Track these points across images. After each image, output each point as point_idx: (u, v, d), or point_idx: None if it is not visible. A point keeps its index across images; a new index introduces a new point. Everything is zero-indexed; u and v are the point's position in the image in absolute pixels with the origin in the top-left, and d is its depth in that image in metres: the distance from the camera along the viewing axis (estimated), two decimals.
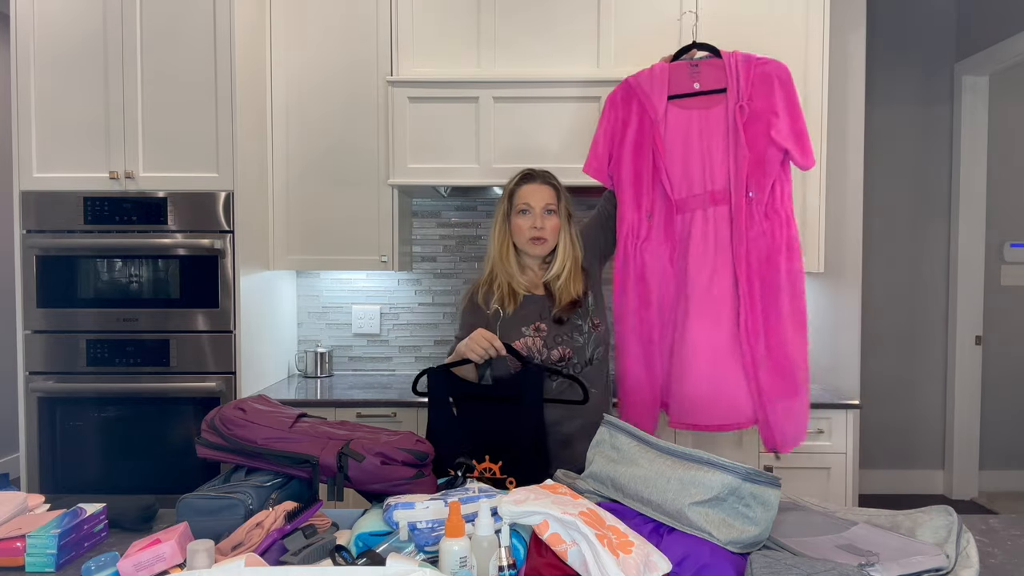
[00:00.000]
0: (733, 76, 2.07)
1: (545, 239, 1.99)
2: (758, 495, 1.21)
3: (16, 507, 1.44)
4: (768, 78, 2.06)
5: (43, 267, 2.66)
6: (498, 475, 1.74)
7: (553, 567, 1.14)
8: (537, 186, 2.03)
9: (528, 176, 2.05)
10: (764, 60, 2.09)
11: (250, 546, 1.23)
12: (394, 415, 2.70)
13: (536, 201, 2.00)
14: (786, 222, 2.07)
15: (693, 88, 2.10)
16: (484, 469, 1.75)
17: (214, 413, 1.52)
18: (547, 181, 2.05)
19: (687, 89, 2.11)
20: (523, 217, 2.00)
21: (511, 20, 2.78)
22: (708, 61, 2.12)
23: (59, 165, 2.66)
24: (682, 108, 2.11)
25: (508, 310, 1.98)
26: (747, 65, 2.08)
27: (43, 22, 2.64)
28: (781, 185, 2.08)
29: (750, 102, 2.05)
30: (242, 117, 2.67)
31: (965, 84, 4.10)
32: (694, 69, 2.11)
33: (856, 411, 2.67)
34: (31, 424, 2.67)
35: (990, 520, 1.52)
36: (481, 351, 1.81)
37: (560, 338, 1.96)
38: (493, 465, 1.74)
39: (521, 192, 2.02)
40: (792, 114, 2.06)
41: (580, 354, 1.97)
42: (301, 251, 2.96)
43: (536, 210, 1.99)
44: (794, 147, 2.04)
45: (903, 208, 4.21)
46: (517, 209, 2.01)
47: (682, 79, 2.12)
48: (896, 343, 4.24)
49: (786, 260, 2.07)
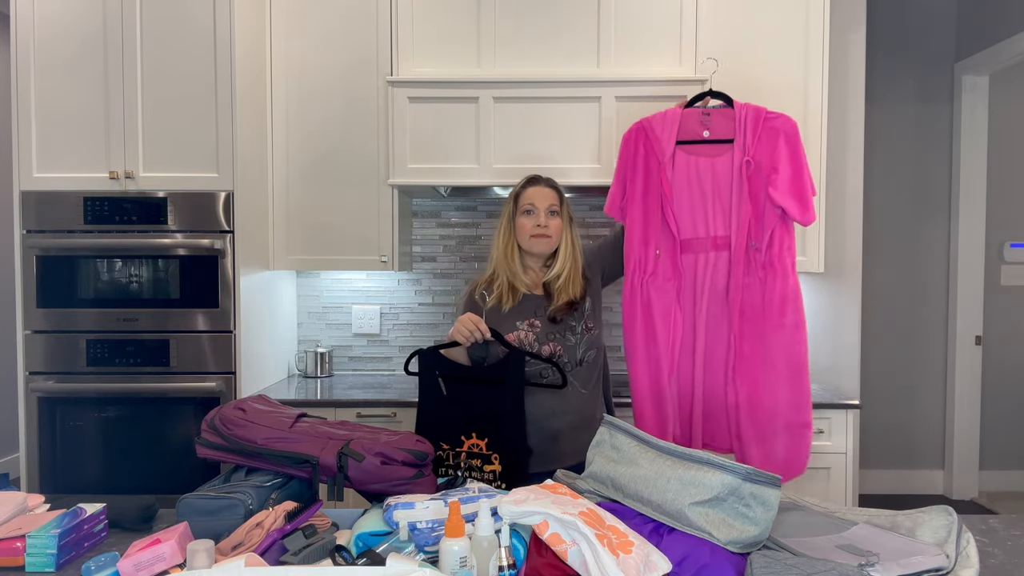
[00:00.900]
0: (741, 128, 2.12)
1: (549, 235, 2.06)
2: (758, 495, 1.21)
3: (16, 507, 1.44)
4: (774, 133, 2.10)
5: (43, 267, 2.66)
6: (484, 451, 1.84)
7: (553, 567, 1.14)
8: (541, 188, 2.11)
9: (533, 180, 2.14)
10: (773, 115, 2.12)
11: (250, 546, 1.23)
12: (394, 415, 2.70)
13: (540, 201, 2.07)
14: (783, 275, 2.11)
15: (702, 135, 2.16)
16: (472, 445, 1.85)
17: (214, 413, 1.52)
18: (551, 185, 2.13)
19: (696, 136, 2.16)
20: (527, 217, 2.08)
21: (511, 20, 2.78)
22: (720, 111, 2.17)
23: (59, 165, 2.66)
24: (690, 154, 2.17)
25: (505, 306, 2.04)
26: (755, 118, 2.12)
27: (43, 22, 2.64)
28: (780, 238, 2.12)
29: (755, 156, 2.10)
30: (242, 117, 2.67)
31: (965, 84, 4.10)
32: (705, 117, 2.17)
33: (856, 411, 2.67)
34: (31, 424, 2.67)
35: (990, 520, 1.52)
36: (467, 333, 1.91)
37: (552, 335, 2.01)
38: (480, 441, 1.85)
39: (526, 194, 2.10)
40: (794, 169, 2.09)
41: (570, 353, 2.02)
42: (301, 251, 2.96)
43: (540, 210, 2.06)
44: (792, 204, 2.08)
45: (903, 208, 4.21)
46: (522, 209, 2.09)
47: (693, 126, 2.17)
48: (896, 343, 4.24)
49: (778, 314, 2.11)
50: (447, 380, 1.93)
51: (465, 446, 1.85)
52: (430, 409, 1.93)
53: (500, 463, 1.83)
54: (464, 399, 1.90)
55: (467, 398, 1.90)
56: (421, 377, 1.95)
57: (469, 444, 1.85)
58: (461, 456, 1.86)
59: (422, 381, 1.95)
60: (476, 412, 1.87)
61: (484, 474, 1.83)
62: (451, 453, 1.87)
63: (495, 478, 1.83)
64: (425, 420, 1.93)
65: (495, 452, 1.83)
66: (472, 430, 1.86)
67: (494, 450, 1.83)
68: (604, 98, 2.67)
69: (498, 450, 1.83)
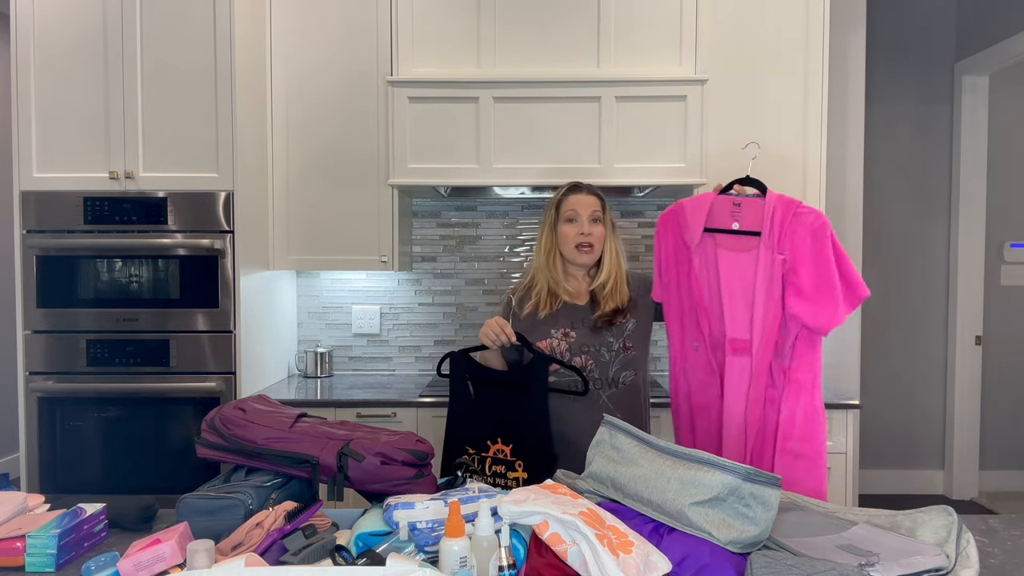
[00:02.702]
0: (768, 221, 1.91)
1: (592, 245, 2.04)
2: (758, 495, 1.21)
3: (16, 507, 1.44)
4: (801, 229, 1.89)
5: (43, 267, 2.66)
6: (508, 456, 1.82)
7: (553, 567, 1.14)
8: (583, 196, 2.08)
9: (575, 187, 2.11)
10: (803, 209, 1.91)
11: (250, 546, 1.23)
12: (394, 415, 2.70)
13: (583, 208, 2.05)
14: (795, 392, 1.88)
15: (731, 226, 1.97)
16: (497, 451, 1.84)
17: (214, 413, 1.52)
18: (592, 192, 2.10)
19: (726, 225, 1.97)
20: (570, 225, 2.05)
21: (511, 20, 2.78)
22: (751, 201, 1.97)
23: (59, 165, 2.66)
24: (718, 244, 1.97)
25: (542, 313, 2.03)
26: (784, 211, 1.91)
27: (43, 22, 2.64)
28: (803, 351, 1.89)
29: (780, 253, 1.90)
30: (242, 117, 2.67)
31: (965, 84, 4.10)
32: (736, 208, 1.97)
33: (856, 411, 2.67)
34: (31, 424, 2.67)
35: (990, 520, 1.52)
36: (493, 336, 1.91)
37: (587, 348, 2.00)
38: (504, 447, 1.83)
39: (568, 201, 2.07)
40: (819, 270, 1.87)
41: (602, 370, 2.00)
42: (301, 251, 2.96)
43: (583, 217, 2.04)
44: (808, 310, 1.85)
45: (903, 208, 4.21)
46: (564, 217, 2.06)
47: (723, 214, 1.98)
48: (896, 343, 4.24)
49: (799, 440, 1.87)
50: (475, 383, 1.94)
51: (491, 451, 1.84)
52: (458, 410, 1.93)
53: (524, 470, 1.81)
54: (490, 404, 1.89)
55: (493, 403, 1.89)
56: (452, 380, 1.95)
57: (495, 450, 1.85)
58: (487, 462, 1.84)
59: (452, 384, 1.95)
60: (502, 417, 1.86)
61: (508, 481, 1.81)
62: (476, 458, 1.86)
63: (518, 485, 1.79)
64: (453, 423, 1.93)
65: (519, 459, 1.82)
66: (498, 435, 1.85)
67: (518, 457, 1.82)
68: (604, 98, 2.67)
69: (521, 456, 1.81)
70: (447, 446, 1.93)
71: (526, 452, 1.82)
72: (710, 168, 2.70)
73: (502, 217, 3.30)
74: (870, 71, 3.76)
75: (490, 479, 1.83)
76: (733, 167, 2.85)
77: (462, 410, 1.92)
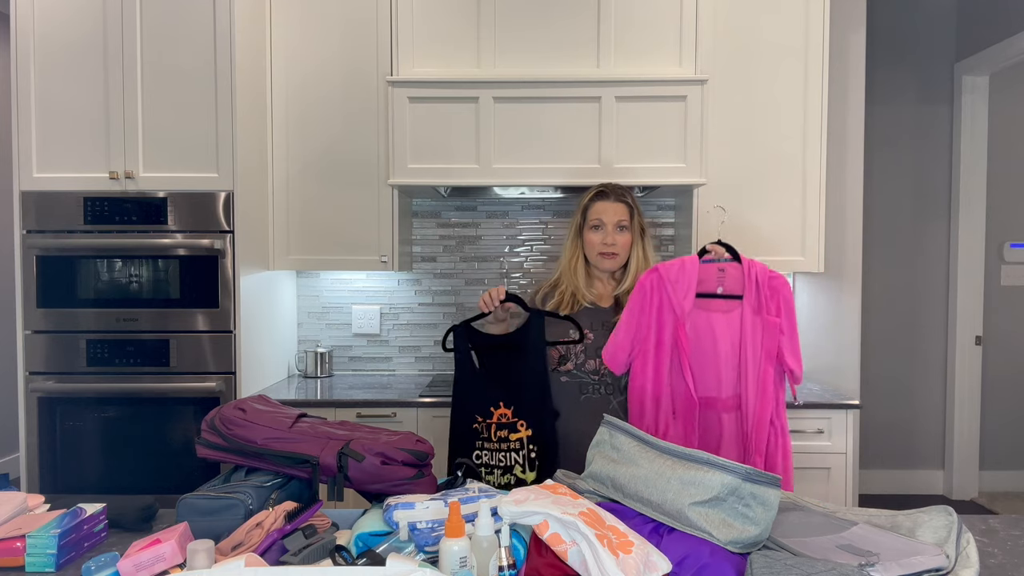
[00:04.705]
0: (752, 285, 1.99)
1: (616, 254, 2.06)
2: (758, 495, 1.21)
3: (16, 507, 1.44)
4: (776, 293, 1.99)
5: (43, 267, 2.66)
6: (511, 418, 1.90)
7: (553, 567, 1.14)
8: (610, 203, 2.08)
9: (602, 192, 2.10)
10: (773, 274, 2.02)
11: (250, 546, 1.23)
12: (394, 415, 2.70)
13: (609, 217, 2.06)
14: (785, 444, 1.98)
15: (717, 291, 2.03)
16: (500, 415, 1.91)
17: (214, 413, 1.52)
18: (621, 198, 2.09)
19: (711, 290, 2.03)
20: (595, 232, 2.07)
21: (511, 20, 2.78)
22: (731, 265, 2.04)
23: (59, 165, 2.66)
24: (703, 309, 2.02)
25: (563, 312, 2.06)
26: (761, 275, 2.00)
27: (43, 22, 2.64)
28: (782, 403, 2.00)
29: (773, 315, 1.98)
30: (242, 117, 2.67)
31: (965, 84, 4.10)
32: (721, 273, 2.04)
33: (856, 411, 2.67)
34: (31, 424, 2.67)
35: (990, 520, 1.52)
36: (488, 299, 1.99)
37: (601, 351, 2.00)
38: (507, 410, 1.91)
39: (595, 208, 2.08)
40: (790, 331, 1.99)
41: (614, 375, 2.01)
42: (301, 251, 2.96)
43: (608, 226, 2.05)
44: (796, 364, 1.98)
45: (903, 208, 4.21)
46: (590, 224, 2.08)
47: (710, 280, 2.04)
48: (896, 343, 4.24)
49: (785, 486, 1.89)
50: (479, 352, 2.00)
51: (494, 417, 1.91)
52: (464, 379, 1.98)
53: (528, 428, 1.87)
54: (492, 370, 1.96)
55: (495, 369, 1.96)
56: (456, 353, 2.00)
57: (498, 415, 1.91)
58: (492, 428, 1.91)
59: (457, 357, 2.00)
60: (504, 380, 1.92)
61: (511, 444, 1.88)
62: (484, 426, 1.92)
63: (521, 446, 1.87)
64: (459, 395, 1.98)
65: (521, 419, 1.88)
66: (500, 399, 1.91)
67: (520, 417, 1.89)
68: (604, 98, 2.67)
69: (523, 416, 1.88)
70: (454, 422, 1.98)
71: (528, 410, 1.89)
72: (710, 168, 2.70)
73: (502, 217, 3.30)
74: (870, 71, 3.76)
75: (495, 444, 1.90)
76: (733, 167, 2.87)
77: (467, 380, 1.98)
